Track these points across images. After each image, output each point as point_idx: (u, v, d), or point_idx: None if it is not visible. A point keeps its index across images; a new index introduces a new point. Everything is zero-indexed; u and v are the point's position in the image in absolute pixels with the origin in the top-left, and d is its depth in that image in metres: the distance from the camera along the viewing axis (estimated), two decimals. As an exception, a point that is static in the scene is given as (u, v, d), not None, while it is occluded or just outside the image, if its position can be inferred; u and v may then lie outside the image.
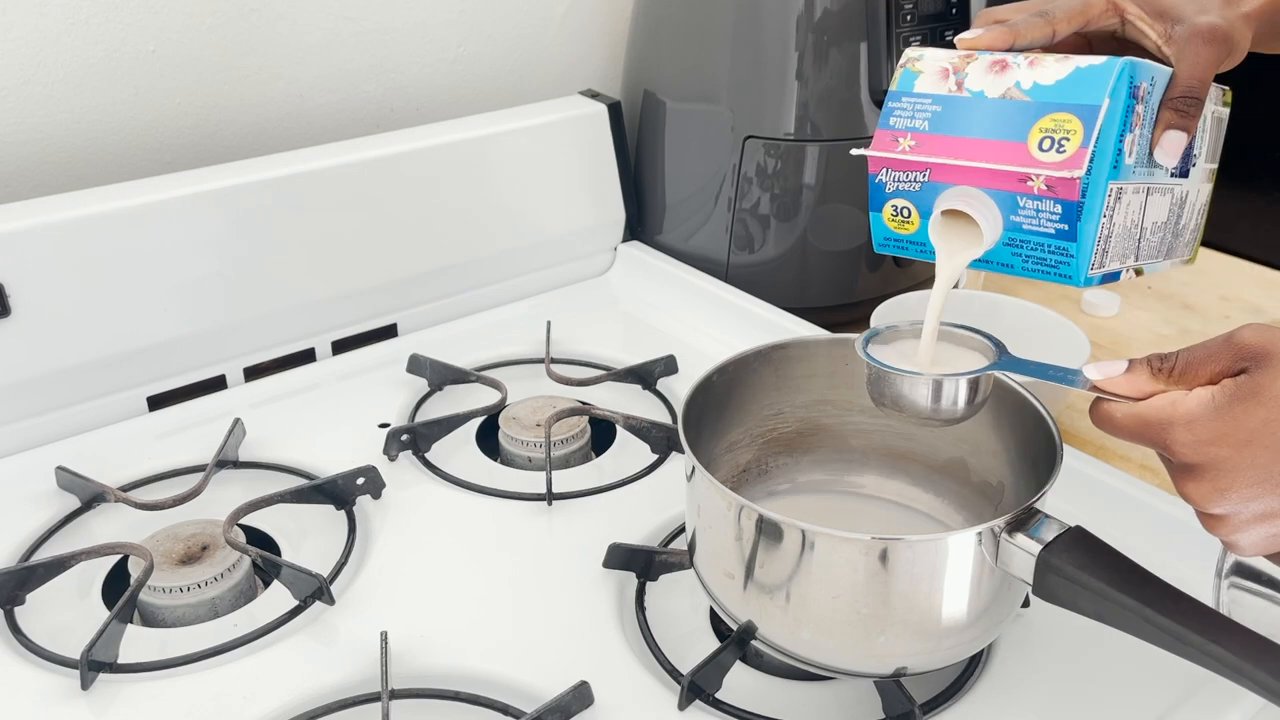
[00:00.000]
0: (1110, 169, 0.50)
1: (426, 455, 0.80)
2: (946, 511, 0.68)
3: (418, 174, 0.95)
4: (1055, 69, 0.51)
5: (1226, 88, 0.62)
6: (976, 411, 0.56)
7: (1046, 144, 0.50)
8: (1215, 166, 0.63)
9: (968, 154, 0.52)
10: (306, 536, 0.72)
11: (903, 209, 0.55)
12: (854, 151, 0.55)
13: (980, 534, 0.52)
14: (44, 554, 0.70)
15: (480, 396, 0.85)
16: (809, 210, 1.01)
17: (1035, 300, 0.93)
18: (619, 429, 0.82)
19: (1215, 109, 0.61)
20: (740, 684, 0.60)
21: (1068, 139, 0.50)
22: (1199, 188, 0.61)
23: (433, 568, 0.69)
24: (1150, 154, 0.54)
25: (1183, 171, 0.58)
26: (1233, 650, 0.46)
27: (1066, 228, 0.50)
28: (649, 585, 0.67)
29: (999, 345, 0.57)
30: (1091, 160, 0.49)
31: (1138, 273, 0.57)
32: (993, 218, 0.52)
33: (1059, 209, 0.50)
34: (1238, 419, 0.48)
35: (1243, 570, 0.60)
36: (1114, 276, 0.54)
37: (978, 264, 0.54)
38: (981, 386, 0.55)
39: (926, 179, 0.53)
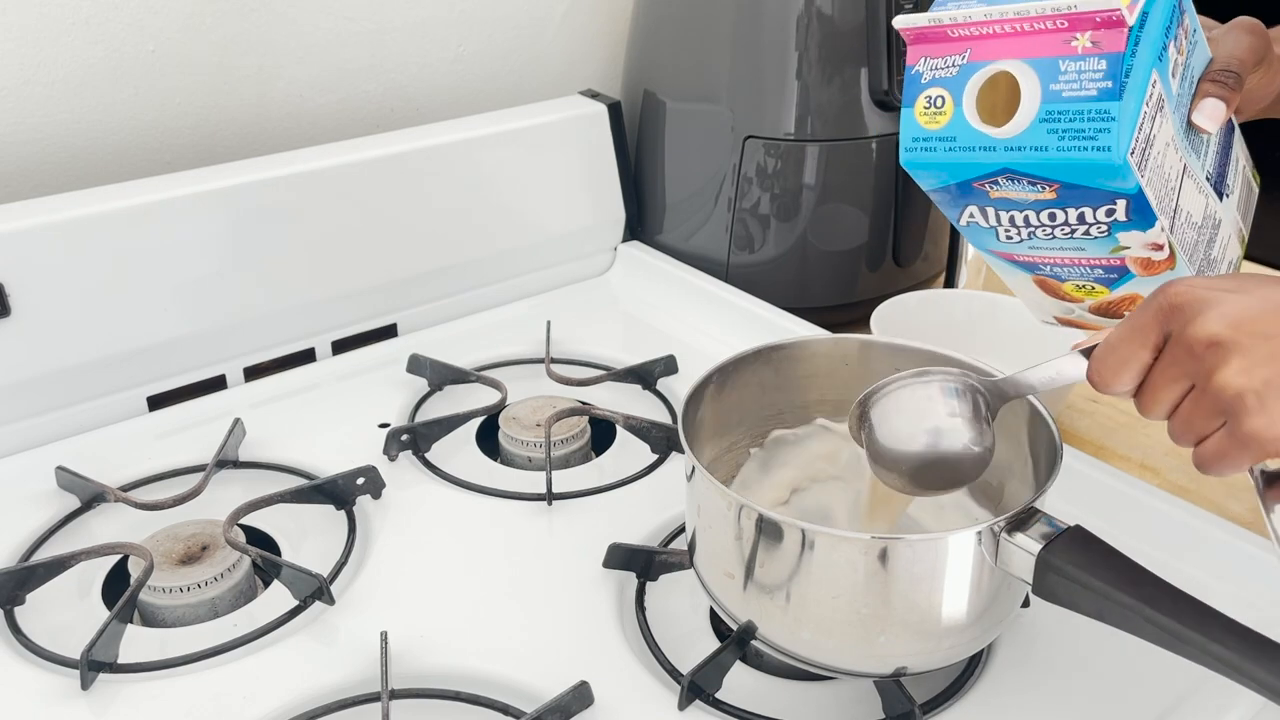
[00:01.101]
0: (1155, 58, 0.50)
1: (426, 455, 0.80)
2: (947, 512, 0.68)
3: (418, 174, 0.95)
4: None
5: (1256, 173, 0.63)
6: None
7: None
8: (1246, 231, 0.63)
9: (1011, 14, 0.50)
10: (306, 536, 0.72)
11: (936, 98, 0.53)
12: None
13: (980, 534, 0.52)
14: (44, 554, 0.70)
15: (480, 396, 0.85)
16: (809, 210, 1.01)
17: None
18: (619, 429, 0.82)
19: (1246, 170, 0.61)
20: (740, 684, 0.60)
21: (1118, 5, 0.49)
22: (1230, 234, 0.60)
23: (433, 568, 0.69)
24: (1189, 123, 0.54)
25: (1217, 187, 0.58)
26: (1233, 650, 0.46)
27: (1110, 85, 0.49)
28: (649, 585, 0.67)
29: (983, 384, 0.55)
30: (1139, 23, 0.48)
31: (1171, 254, 0.55)
32: (1032, 84, 0.50)
33: (1103, 65, 0.49)
34: (1223, 276, 0.48)
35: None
36: (1148, 211, 0.52)
37: (1010, 152, 0.52)
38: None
39: (965, 60, 0.52)
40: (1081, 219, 0.53)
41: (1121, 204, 0.51)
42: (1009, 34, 0.51)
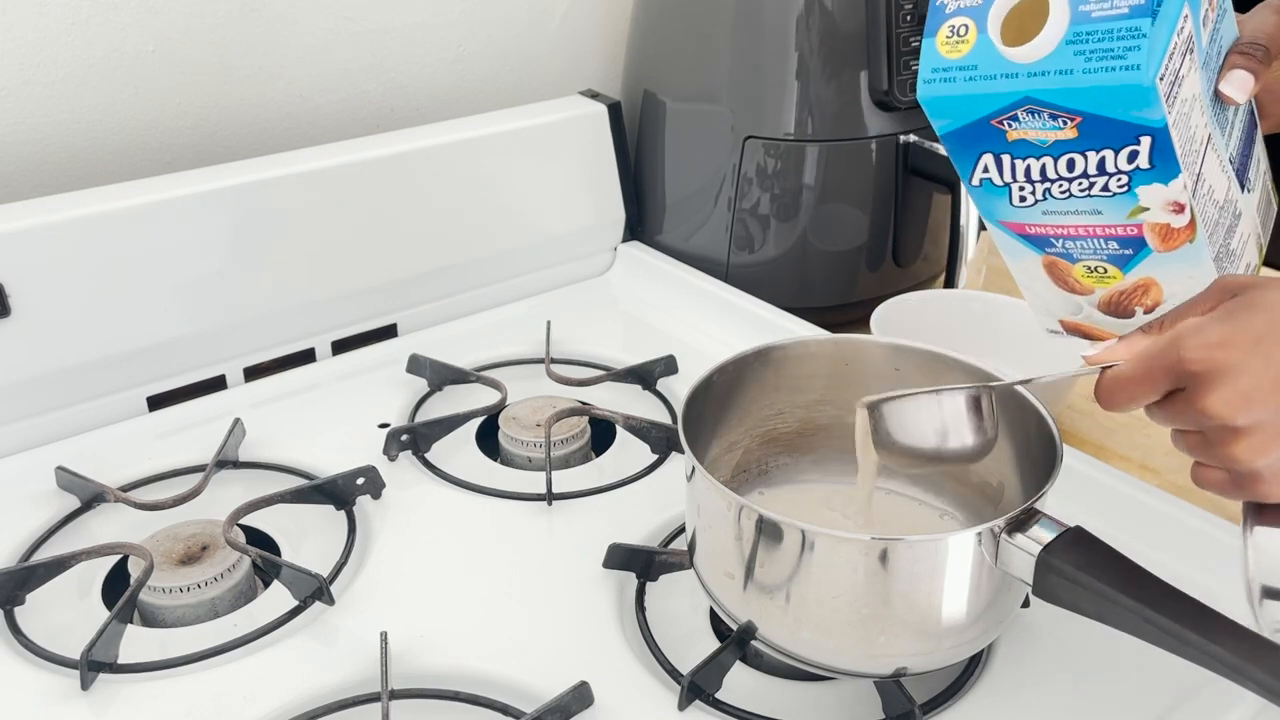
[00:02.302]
0: None
1: (426, 455, 0.80)
2: (946, 511, 0.68)
3: (418, 174, 0.95)
4: None
5: (1276, 188, 0.63)
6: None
7: None
8: (1265, 241, 0.62)
9: None
10: (306, 536, 0.72)
11: (960, 27, 0.53)
12: None
13: (980, 534, 0.52)
14: (44, 554, 0.70)
15: (480, 396, 0.85)
16: (809, 210, 1.00)
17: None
18: (619, 429, 0.82)
19: (1266, 178, 0.61)
20: (740, 684, 0.60)
21: None
22: (1250, 234, 0.60)
23: (433, 568, 0.69)
24: (1215, 94, 0.54)
25: (1240, 175, 0.57)
26: (1233, 650, 0.46)
27: (1143, 2, 0.48)
28: (649, 585, 0.67)
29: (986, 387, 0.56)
30: None
31: (1191, 221, 0.54)
32: (1061, 2, 0.50)
33: None
34: (1241, 322, 0.48)
35: (1273, 593, 0.59)
36: (1171, 158, 0.51)
37: (1033, 78, 0.51)
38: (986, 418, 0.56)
39: None
40: (1101, 167, 0.52)
41: (1145, 144, 0.50)
42: None
